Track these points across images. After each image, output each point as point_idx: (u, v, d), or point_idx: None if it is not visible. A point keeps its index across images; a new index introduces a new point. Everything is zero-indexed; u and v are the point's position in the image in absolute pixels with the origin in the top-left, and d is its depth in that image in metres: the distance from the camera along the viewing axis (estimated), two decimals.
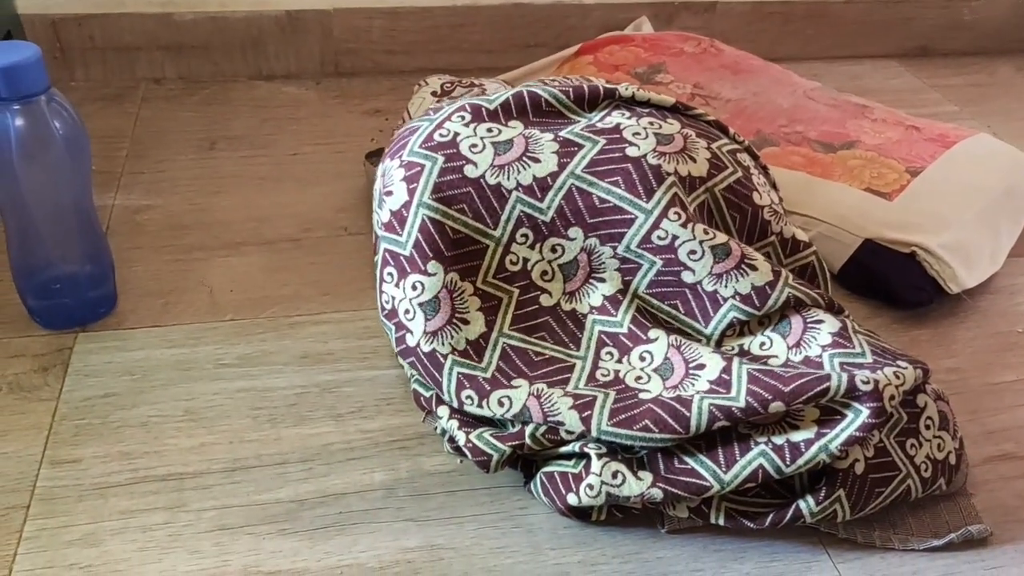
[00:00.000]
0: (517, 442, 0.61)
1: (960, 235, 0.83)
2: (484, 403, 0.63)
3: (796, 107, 1.02)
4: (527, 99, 0.70)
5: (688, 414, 0.58)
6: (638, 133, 0.68)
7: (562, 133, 0.68)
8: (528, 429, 0.62)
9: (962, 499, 0.65)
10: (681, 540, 0.61)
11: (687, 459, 0.60)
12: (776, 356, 0.64)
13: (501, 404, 0.63)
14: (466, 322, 0.65)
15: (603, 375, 0.65)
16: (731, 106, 1.02)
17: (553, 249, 0.67)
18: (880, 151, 0.93)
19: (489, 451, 0.62)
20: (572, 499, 0.60)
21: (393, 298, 0.66)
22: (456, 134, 0.67)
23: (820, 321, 0.65)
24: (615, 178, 0.66)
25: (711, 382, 0.61)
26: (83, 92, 1.10)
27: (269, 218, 0.90)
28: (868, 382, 0.57)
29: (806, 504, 0.59)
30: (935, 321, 0.83)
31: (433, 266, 0.65)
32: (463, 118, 0.68)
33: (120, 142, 1.01)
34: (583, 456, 0.61)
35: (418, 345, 0.65)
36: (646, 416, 0.59)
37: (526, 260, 0.67)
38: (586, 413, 0.60)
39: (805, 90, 1.06)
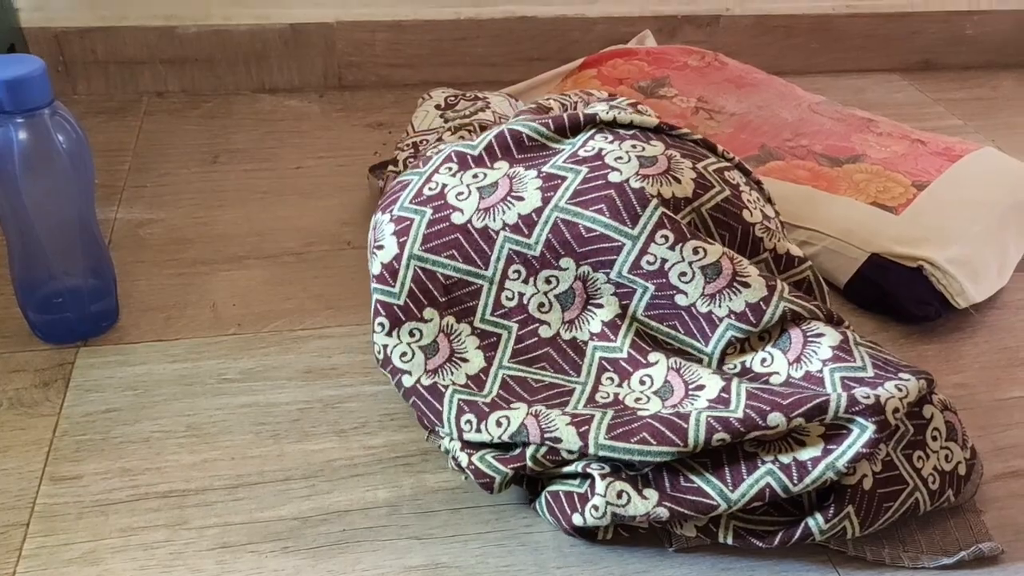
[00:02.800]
0: (519, 464, 0.61)
1: (967, 249, 0.83)
2: (482, 425, 0.62)
3: (801, 121, 1.01)
4: (509, 138, 0.71)
5: (686, 426, 0.58)
6: (620, 157, 0.68)
7: (545, 168, 0.69)
8: (529, 451, 0.61)
9: (972, 516, 0.64)
10: (689, 559, 0.61)
11: (693, 477, 0.59)
12: (777, 372, 0.64)
13: (499, 424, 0.62)
14: (465, 360, 0.66)
15: (603, 397, 0.64)
16: (735, 120, 1.02)
17: (547, 281, 0.67)
18: (886, 165, 0.92)
19: (492, 473, 0.61)
20: (577, 519, 0.60)
21: (385, 347, 0.67)
22: (444, 185, 0.69)
23: (820, 335, 0.64)
24: (599, 206, 0.66)
25: (710, 400, 0.61)
26: (86, 105, 1.10)
27: (272, 232, 0.90)
28: (869, 397, 0.57)
29: (815, 522, 0.58)
30: (942, 336, 0.82)
31: (429, 312, 0.66)
32: (450, 169, 0.70)
33: (123, 155, 1.01)
34: (587, 476, 0.61)
35: (418, 382, 0.65)
36: (644, 430, 0.59)
37: (521, 295, 0.67)
38: (583, 429, 0.60)
39: (809, 104, 1.06)
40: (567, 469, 0.61)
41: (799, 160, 0.94)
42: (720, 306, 0.65)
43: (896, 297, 0.82)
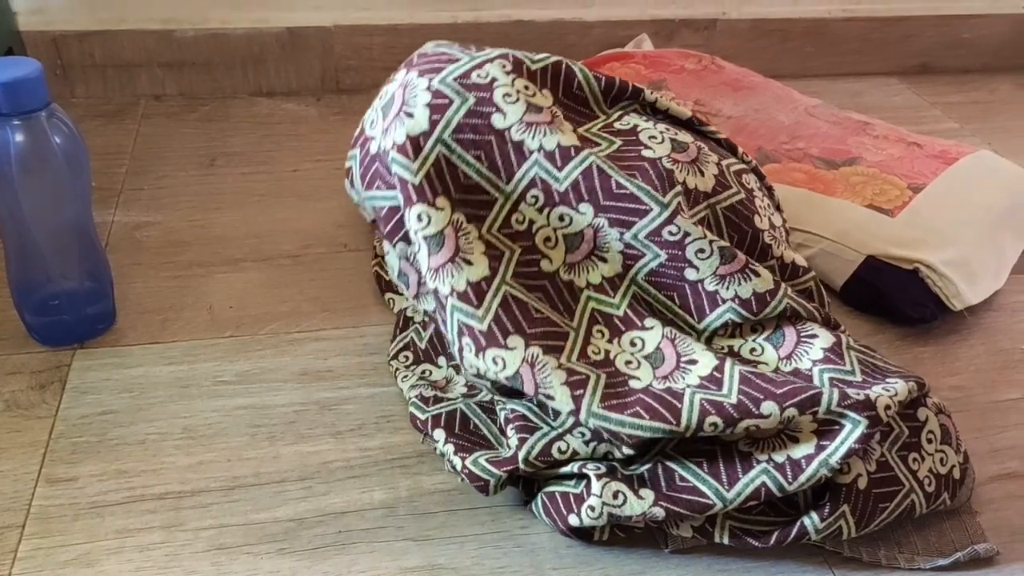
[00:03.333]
0: (511, 467, 0.61)
1: (963, 252, 0.83)
2: (480, 355, 0.61)
3: (797, 124, 1.02)
4: (563, 73, 0.69)
5: (679, 405, 0.58)
6: (654, 137, 0.68)
7: (579, 130, 0.68)
8: (521, 454, 0.61)
9: (968, 518, 0.64)
10: (685, 559, 0.60)
11: (689, 477, 0.59)
12: (766, 363, 0.64)
13: (495, 362, 0.61)
14: (469, 263, 0.64)
15: (594, 352, 0.64)
16: (732, 123, 1.02)
17: (561, 218, 0.66)
18: (882, 168, 0.92)
19: (485, 476, 0.61)
20: (573, 520, 0.60)
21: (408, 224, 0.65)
22: (494, 79, 0.66)
23: (814, 335, 0.65)
24: (634, 172, 0.66)
25: (702, 378, 0.61)
26: (83, 108, 1.10)
27: (269, 234, 0.90)
28: (859, 394, 0.58)
29: (811, 521, 0.58)
30: (938, 338, 0.82)
31: (442, 201, 0.64)
32: (504, 66, 0.67)
33: (120, 158, 1.01)
34: (583, 477, 0.61)
35: (421, 283, 0.65)
36: (637, 404, 0.59)
37: (532, 222, 0.66)
38: (578, 392, 0.60)
39: (806, 107, 1.06)
40: (562, 470, 0.61)
41: (795, 163, 0.94)
42: (727, 288, 0.65)
43: (892, 299, 0.82)
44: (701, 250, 0.65)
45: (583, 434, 0.62)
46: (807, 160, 0.94)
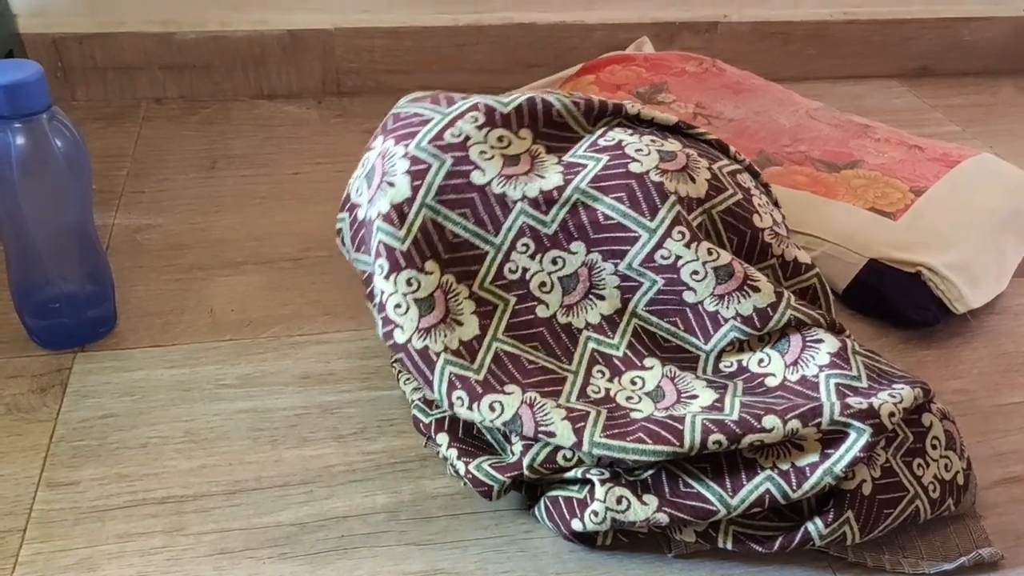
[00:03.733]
0: (515, 472, 0.60)
1: (965, 255, 0.83)
2: (475, 406, 0.61)
3: (798, 127, 1.01)
4: (539, 107, 0.69)
5: (681, 427, 0.58)
6: (640, 150, 0.67)
7: (565, 157, 0.68)
8: (526, 460, 0.61)
9: (972, 522, 0.64)
10: (688, 565, 0.60)
11: (693, 483, 0.59)
12: (774, 374, 0.64)
13: (492, 409, 0.61)
14: (460, 323, 0.64)
15: (594, 391, 0.64)
16: (733, 126, 1.02)
17: (554, 261, 0.66)
18: (884, 171, 0.92)
19: (489, 482, 0.61)
20: (576, 524, 0.59)
21: (383, 291, 0.64)
22: (467, 137, 0.66)
23: (820, 340, 0.65)
24: (619, 194, 0.65)
25: (703, 407, 0.61)
26: (84, 111, 1.10)
27: (270, 237, 0.90)
28: (863, 403, 0.58)
29: (815, 527, 0.58)
30: (941, 342, 0.82)
31: (431, 265, 0.64)
32: (475, 119, 0.67)
33: (121, 161, 1.01)
34: (587, 482, 0.61)
35: (409, 341, 0.63)
36: (640, 431, 0.59)
37: (525, 270, 0.66)
38: (579, 425, 0.59)
39: (807, 110, 1.06)
40: (566, 475, 0.61)
41: (797, 166, 0.94)
42: (727, 307, 0.65)
43: (894, 302, 0.82)
44: (696, 272, 0.65)
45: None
46: (809, 163, 0.94)
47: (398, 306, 0.63)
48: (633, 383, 0.65)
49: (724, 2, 1.26)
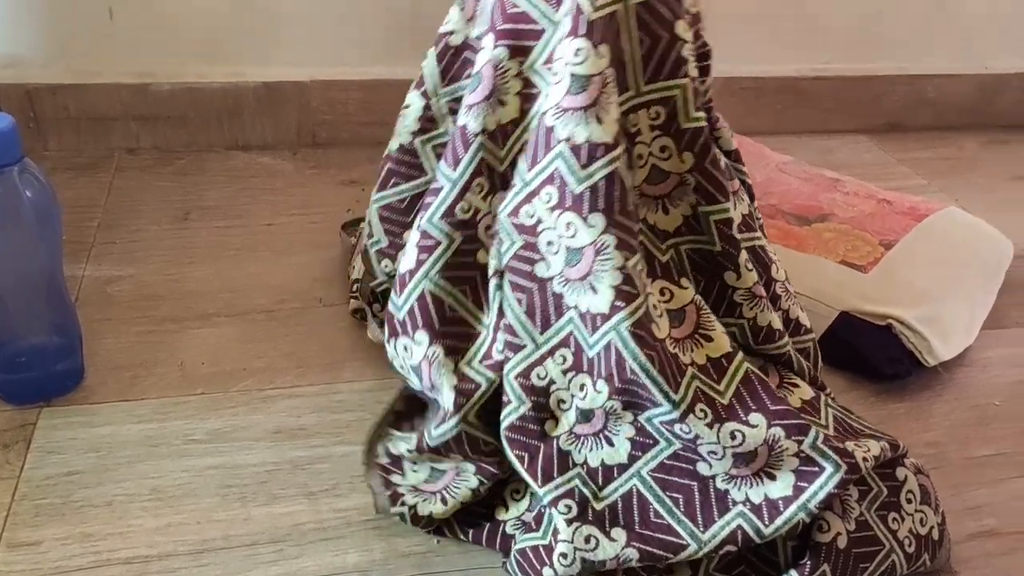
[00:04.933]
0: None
1: (935, 308, 0.84)
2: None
3: (769, 180, 1.03)
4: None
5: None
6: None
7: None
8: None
9: None
10: None
11: (664, 514, 0.58)
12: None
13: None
14: (442, 394, 0.64)
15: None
16: None
17: (581, 387, 0.62)
18: (854, 224, 0.94)
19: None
20: (548, 573, 0.58)
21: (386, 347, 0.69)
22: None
23: (796, 385, 0.65)
24: (652, 352, 0.59)
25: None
26: (56, 161, 1.09)
27: (243, 289, 0.89)
28: (838, 445, 0.58)
29: None
30: (912, 395, 0.82)
31: (420, 336, 0.65)
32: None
33: (92, 212, 1.00)
34: (549, 523, 0.60)
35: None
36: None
37: (552, 381, 0.63)
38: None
39: (778, 163, 1.07)
40: (527, 510, 0.62)
41: (768, 219, 0.95)
42: (739, 490, 0.60)
43: (867, 355, 0.82)
44: (713, 452, 0.59)
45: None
46: (779, 216, 0.95)
47: (401, 366, 0.68)
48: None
49: None
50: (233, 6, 1.10)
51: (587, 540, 0.58)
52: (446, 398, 0.63)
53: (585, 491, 0.60)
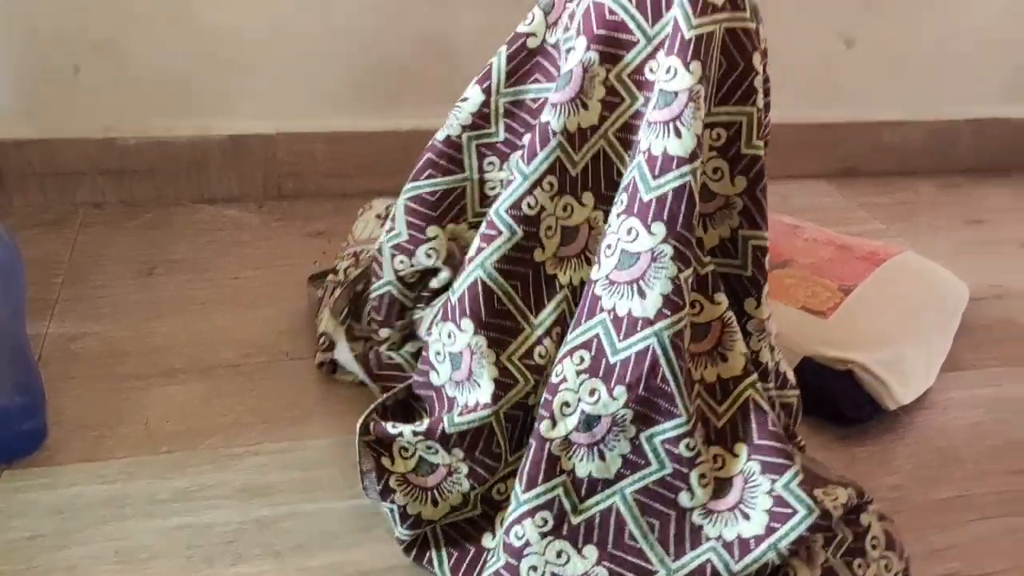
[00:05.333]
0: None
1: (894, 352, 0.86)
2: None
3: None
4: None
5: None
6: None
7: None
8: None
9: None
10: None
11: (638, 536, 0.59)
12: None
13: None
14: (478, 385, 0.66)
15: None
16: None
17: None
18: (813, 270, 0.95)
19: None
20: None
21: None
22: (542, 208, 0.66)
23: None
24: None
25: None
26: (20, 217, 1.09)
27: (209, 343, 0.89)
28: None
29: None
30: (875, 438, 0.84)
31: (466, 323, 0.66)
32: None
33: (57, 268, 0.99)
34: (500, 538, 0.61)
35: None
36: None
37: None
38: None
39: None
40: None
41: None
42: (714, 526, 0.61)
43: (830, 400, 0.84)
44: (703, 475, 0.61)
45: (581, 360, 0.62)
46: None
47: (438, 354, 0.69)
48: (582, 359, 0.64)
49: None
50: (199, 60, 1.11)
51: (559, 555, 0.58)
52: (484, 389, 0.64)
53: (565, 502, 0.60)
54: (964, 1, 1.37)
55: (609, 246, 0.62)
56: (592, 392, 0.61)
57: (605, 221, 0.66)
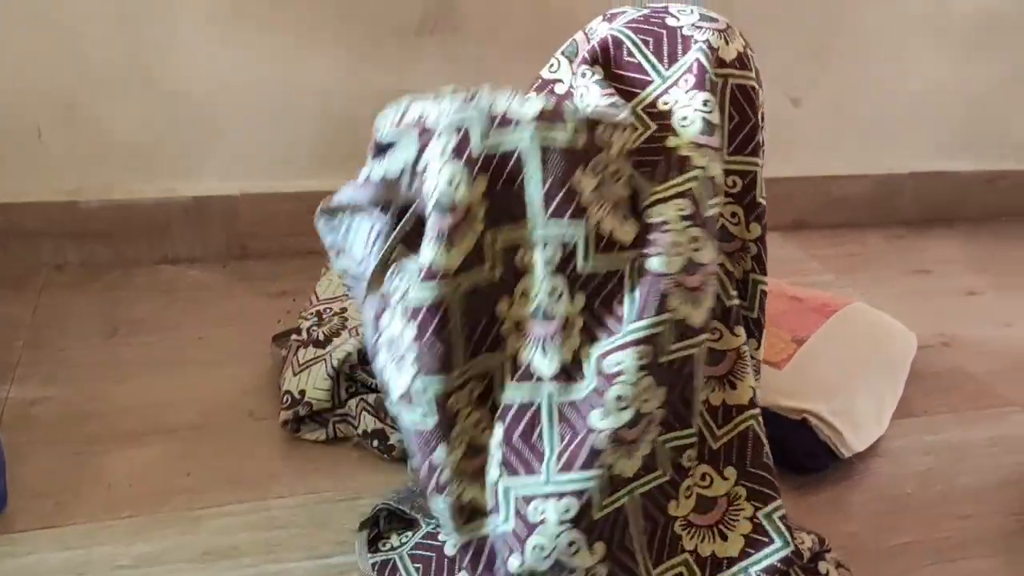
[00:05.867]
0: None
1: (847, 401, 0.88)
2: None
3: None
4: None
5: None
6: None
7: None
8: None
9: None
10: None
11: (634, 537, 0.61)
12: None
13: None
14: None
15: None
16: None
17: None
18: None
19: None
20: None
21: None
22: None
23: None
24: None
25: None
26: None
27: (172, 404, 0.89)
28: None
29: None
30: (831, 485, 0.85)
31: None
32: None
33: (18, 331, 0.99)
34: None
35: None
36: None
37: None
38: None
39: None
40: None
41: None
42: (691, 539, 0.65)
43: (786, 449, 0.85)
44: (688, 488, 0.65)
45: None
46: None
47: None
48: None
49: None
50: (163, 123, 1.13)
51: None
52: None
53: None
54: (905, 62, 1.43)
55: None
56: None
57: None
